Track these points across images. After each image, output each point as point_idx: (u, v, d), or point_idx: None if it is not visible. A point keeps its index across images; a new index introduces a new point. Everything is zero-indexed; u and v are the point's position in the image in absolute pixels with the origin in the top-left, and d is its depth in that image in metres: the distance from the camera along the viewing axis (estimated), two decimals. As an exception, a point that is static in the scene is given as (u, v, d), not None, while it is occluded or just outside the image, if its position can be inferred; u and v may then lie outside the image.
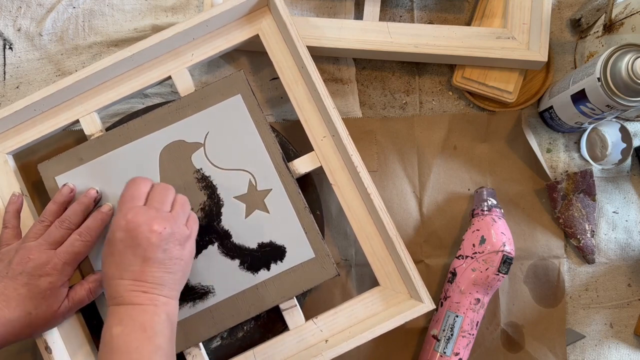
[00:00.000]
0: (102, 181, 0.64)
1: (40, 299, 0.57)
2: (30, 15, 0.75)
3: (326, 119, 0.65)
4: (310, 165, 0.66)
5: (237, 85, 0.65)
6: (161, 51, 0.67)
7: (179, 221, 0.56)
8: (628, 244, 0.73)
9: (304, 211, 0.64)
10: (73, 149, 0.65)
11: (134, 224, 0.53)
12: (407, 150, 0.73)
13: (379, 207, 0.62)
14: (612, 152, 0.73)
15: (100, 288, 0.62)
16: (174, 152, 0.65)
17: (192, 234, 0.57)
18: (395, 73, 0.74)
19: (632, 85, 0.59)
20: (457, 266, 0.67)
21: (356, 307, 0.64)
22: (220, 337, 0.66)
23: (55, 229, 0.60)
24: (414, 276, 0.62)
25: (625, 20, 0.66)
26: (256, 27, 0.67)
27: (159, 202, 0.56)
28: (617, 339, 0.72)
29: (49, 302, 0.58)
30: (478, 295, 0.65)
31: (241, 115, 0.65)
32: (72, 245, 0.59)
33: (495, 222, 0.66)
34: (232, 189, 0.64)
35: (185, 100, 0.65)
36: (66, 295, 0.60)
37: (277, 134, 0.67)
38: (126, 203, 0.55)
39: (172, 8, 0.75)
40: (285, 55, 0.67)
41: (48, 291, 0.57)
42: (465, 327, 0.65)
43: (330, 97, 0.64)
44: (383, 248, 0.65)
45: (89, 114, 0.67)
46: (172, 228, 0.54)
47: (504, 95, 0.71)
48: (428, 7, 0.76)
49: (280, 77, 0.67)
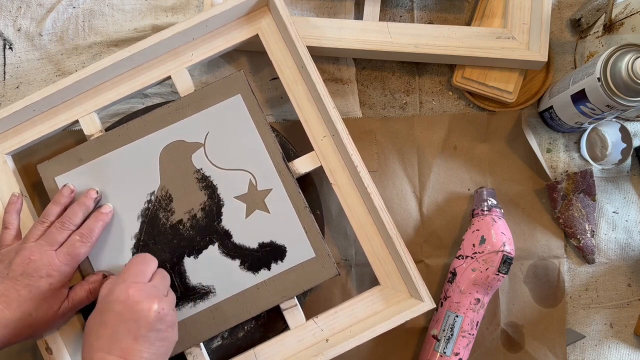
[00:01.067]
0: (102, 181, 0.64)
1: (40, 300, 0.57)
2: (30, 15, 0.75)
3: (326, 119, 0.65)
4: (310, 165, 0.66)
5: (237, 85, 0.65)
6: (161, 51, 0.67)
7: (173, 306, 0.56)
8: (628, 244, 0.73)
9: (304, 211, 0.64)
10: (73, 149, 0.65)
11: (136, 299, 0.52)
12: (407, 150, 0.73)
13: (378, 207, 0.62)
14: (612, 152, 0.73)
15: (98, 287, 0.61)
16: (174, 152, 0.65)
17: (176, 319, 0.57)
18: (395, 73, 0.74)
19: (632, 85, 0.59)
20: (457, 266, 0.67)
21: (357, 307, 0.64)
22: (221, 336, 0.66)
23: (56, 229, 0.60)
24: (414, 275, 0.62)
25: (625, 20, 0.66)
26: (256, 27, 0.67)
27: (161, 284, 0.56)
28: (617, 339, 0.72)
29: (50, 303, 0.58)
30: (478, 295, 0.65)
31: (241, 115, 0.65)
32: (73, 246, 0.59)
33: (495, 222, 0.66)
34: (233, 188, 0.64)
35: (185, 100, 0.65)
36: (66, 296, 0.60)
37: (277, 134, 0.67)
38: (131, 275, 0.55)
39: (172, 8, 0.75)
40: (284, 55, 0.67)
41: (49, 292, 0.57)
42: (465, 327, 0.65)
43: (330, 96, 0.64)
44: (383, 247, 0.65)
45: (89, 114, 0.67)
46: (168, 310, 0.54)
47: (504, 95, 0.71)
48: (428, 7, 0.76)
49: (280, 77, 0.67)
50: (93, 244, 0.61)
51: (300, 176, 0.66)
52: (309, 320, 0.64)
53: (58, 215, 0.61)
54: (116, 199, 0.64)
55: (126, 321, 0.51)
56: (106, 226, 0.63)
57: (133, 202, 0.64)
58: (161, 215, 0.64)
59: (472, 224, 0.68)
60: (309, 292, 0.67)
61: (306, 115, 0.66)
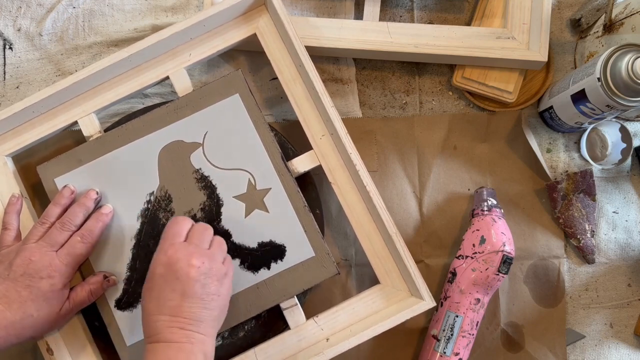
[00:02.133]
0: (102, 182, 0.64)
1: (42, 301, 0.57)
2: (30, 15, 0.75)
3: (325, 118, 0.65)
4: (309, 164, 0.66)
5: (235, 84, 0.65)
6: (159, 51, 0.67)
7: (217, 258, 0.56)
8: (628, 244, 0.73)
9: (303, 210, 0.63)
10: (72, 150, 0.65)
11: (174, 259, 0.54)
12: (407, 150, 0.73)
13: (378, 205, 0.62)
14: (612, 152, 0.73)
15: (101, 289, 0.62)
16: (173, 152, 0.65)
17: (229, 272, 0.58)
18: (395, 73, 0.74)
19: (632, 85, 0.59)
20: (457, 266, 0.67)
21: (357, 305, 0.64)
22: (221, 336, 0.66)
23: (56, 230, 0.60)
24: (414, 273, 0.62)
25: (625, 20, 0.66)
26: (253, 26, 0.67)
27: (198, 239, 0.56)
28: (617, 339, 0.72)
29: (51, 303, 0.58)
30: (478, 295, 0.65)
31: (239, 114, 0.65)
32: (73, 247, 0.59)
33: (495, 222, 0.66)
34: (232, 188, 0.64)
35: (183, 100, 0.65)
36: (67, 296, 0.60)
37: (275, 133, 0.67)
38: (167, 240, 0.56)
39: (172, 8, 0.75)
40: (283, 54, 0.67)
41: (49, 293, 0.57)
42: (465, 327, 0.65)
43: (329, 95, 0.64)
44: (383, 246, 0.65)
45: (88, 115, 0.67)
46: (210, 264, 0.54)
47: (504, 95, 0.71)
48: (428, 7, 0.76)
49: (279, 76, 0.67)
50: (93, 245, 0.61)
51: (300, 175, 0.66)
52: (309, 319, 0.64)
53: (58, 216, 0.61)
54: (116, 199, 0.64)
55: (170, 281, 0.53)
56: (106, 227, 0.63)
57: (133, 202, 0.64)
58: (161, 216, 0.64)
59: (472, 224, 0.68)
60: (309, 291, 0.67)
61: (305, 114, 0.66)
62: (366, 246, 0.65)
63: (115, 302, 0.63)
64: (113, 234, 0.64)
